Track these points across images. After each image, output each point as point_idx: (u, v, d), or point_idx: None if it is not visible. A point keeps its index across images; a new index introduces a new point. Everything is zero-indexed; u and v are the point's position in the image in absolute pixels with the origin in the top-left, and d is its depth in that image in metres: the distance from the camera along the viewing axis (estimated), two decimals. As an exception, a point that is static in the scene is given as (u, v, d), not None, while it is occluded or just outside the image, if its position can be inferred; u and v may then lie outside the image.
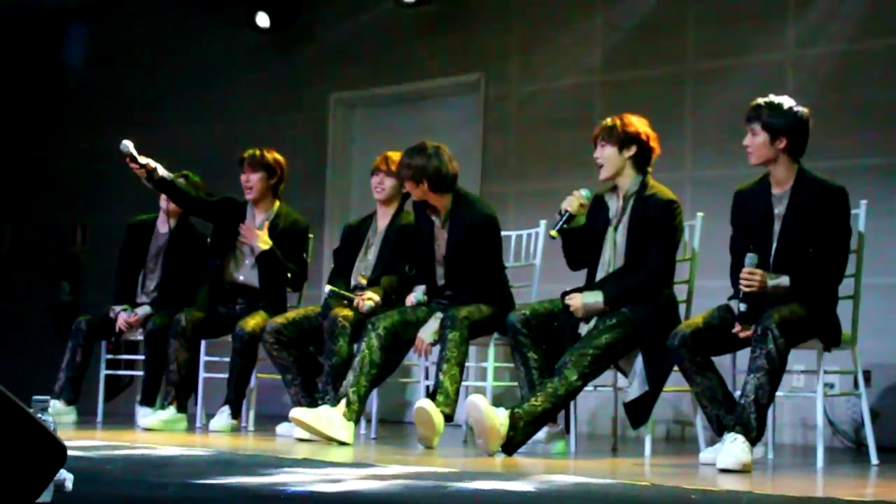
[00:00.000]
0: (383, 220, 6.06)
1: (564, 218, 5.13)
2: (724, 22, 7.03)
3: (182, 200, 6.39)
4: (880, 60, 6.48)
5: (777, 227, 4.76)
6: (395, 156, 6.02)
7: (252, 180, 6.40)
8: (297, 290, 6.53)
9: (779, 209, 4.77)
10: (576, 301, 5.02)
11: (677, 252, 5.18)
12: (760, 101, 4.84)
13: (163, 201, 6.80)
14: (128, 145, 6.04)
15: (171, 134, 9.07)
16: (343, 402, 5.31)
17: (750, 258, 4.57)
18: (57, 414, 6.53)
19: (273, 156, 6.46)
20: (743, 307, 4.59)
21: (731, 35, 6.98)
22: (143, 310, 6.66)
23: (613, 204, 5.19)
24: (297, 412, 5.31)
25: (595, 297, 5.01)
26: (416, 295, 5.64)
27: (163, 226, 6.89)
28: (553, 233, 5.16)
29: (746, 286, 4.60)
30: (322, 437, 5.21)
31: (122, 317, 6.63)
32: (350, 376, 5.38)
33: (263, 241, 6.28)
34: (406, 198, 6.07)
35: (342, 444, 5.19)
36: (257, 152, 6.43)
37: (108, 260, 7.12)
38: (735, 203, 4.96)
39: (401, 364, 5.74)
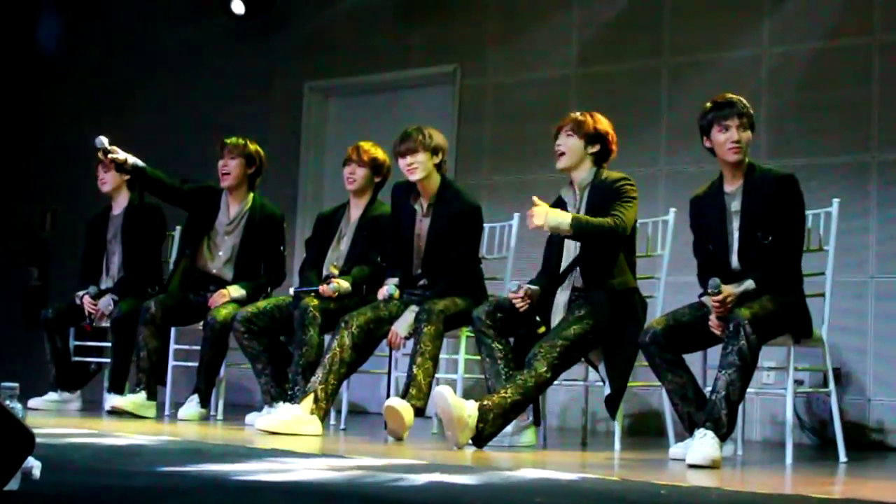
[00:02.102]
0: (356, 210, 6.05)
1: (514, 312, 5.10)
2: (700, 17, 7.05)
3: (156, 188, 6.37)
4: (854, 58, 6.51)
5: (735, 223, 4.80)
6: (367, 146, 6.02)
7: (230, 166, 6.38)
8: (275, 288, 6.48)
9: (734, 205, 4.81)
10: (540, 210, 4.97)
11: (636, 223, 5.17)
12: (739, 97, 4.86)
13: (102, 182, 6.82)
14: (103, 141, 6.01)
15: (142, 120, 9.03)
16: (311, 397, 5.31)
17: (712, 286, 4.57)
18: (63, 402, 6.56)
19: (255, 147, 6.45)
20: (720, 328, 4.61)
21: (707, 30, 7.00)
22: (105, 301, 6.64)
23: (570, 196, 5.24)
24: (262, 423, 5.31)
25: (564, 220, 4.96)
26: (389, 288, 5.63)
27: (117, 208, 6.90)
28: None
29: (719, 314, 4.62)
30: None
31: (87, 299, 6.62)
32: (319, 372, 5.38)
33: (237, 290, 6.26)
34: (379, 188, 6.07)
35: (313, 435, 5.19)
36: (240, 140, 6.42)
37: (77, 245, 7.08)
38: (692, 210, 5.00)
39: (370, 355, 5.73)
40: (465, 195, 5.66)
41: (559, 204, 5.26)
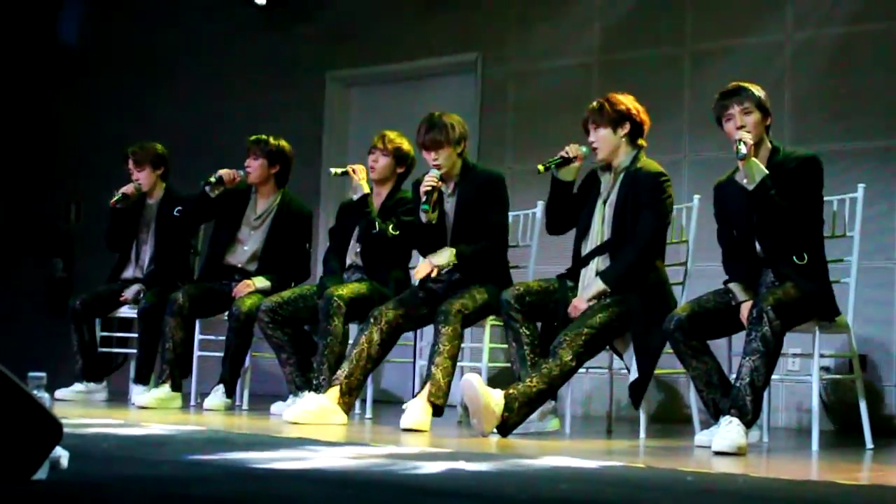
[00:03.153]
0: (378, 199, 6.05)
1: (557, 159, 5.20)
2: (723, 3, 7.02)
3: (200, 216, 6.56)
4: (879, 44, 6.47)
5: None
6: (393, 135, 6.03)
7: (253, 166, 6.45)
8: (298, 284, 6.49)
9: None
10: (579, 303, 5.04)
11: (668, 229, 5.22)
12: (738, 83, 4.84)
13: (136, 181, 6.88)
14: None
15: (164, 111, 9.05)
16: (336, 389, 5.31)
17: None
18: (89, 392, 6.60)
19: (278, 143, 6.48)
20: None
21: (730, 16, 6.97)
22: (133, 289, 6.69)
23: (605, 179, 5.25)
24: (289, 414, 5.32)
25: (596, 286, 5.03)
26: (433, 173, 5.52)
27: (151, 198, 6.94)
28: (540, 167, 5.22)
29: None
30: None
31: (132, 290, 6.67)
32: (345, 366, 5.37)
33: (262, 281, 6.30)
34: (402, 179, 6.07)
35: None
36: (262, 138, 6.46)
37: (102, 237, 7.10)
38: (715, 197, 4.99)
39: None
40: (487, 168, 5.71)
41: (590, 182, 5.29)
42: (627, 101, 5.23)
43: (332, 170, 6.10)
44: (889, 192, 6.26)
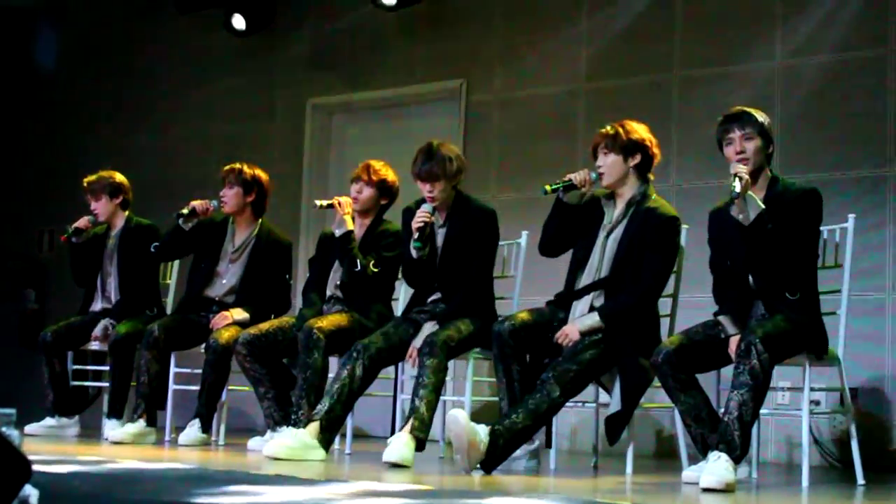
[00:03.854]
0: (359, 230, 6.05)
1: (564, 183, 5.16)
2: (712, 30, 7.07)
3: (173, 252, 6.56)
4: (868, 71, 6.52)
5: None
6: (378, 165, 6.02)
7: (228, 195, 6.43)
8: (278, 317, 6.48)
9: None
10: (570, 331, 5.02)
11: (672, 271, 5.21)
12: (742, 108, 4.87)
13: (94, 211, 6.87)
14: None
15: (141, 140, 9.08)
16: (315, 425, 5.30)
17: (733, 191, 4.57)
18: (60, 427, 6.57)
19: (253, 171, 6.46)
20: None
21: (719, 43, 7.02)
22: (101, 326, 6.66)
23: (611, 210, 5.20)
24: (269, 450, 5.30)
25: (591, 319, 5.02)
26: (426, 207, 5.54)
27: (113, 228, 6.93)
28: (547, 187, 5.17)
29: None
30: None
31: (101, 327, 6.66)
32: (326, 401, 5.35)
33: (240, 313, 6.30)
34: (384, 210, 6.08)
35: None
36: (236, 167, 6.45)
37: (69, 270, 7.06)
38: (710, 223, 4.99)
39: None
40: (480, 202, 5.68)
41: (593, 209, 5.24)
42: (642, 131, 5.19)
43: (317, 202, 6.10)
44: (880, 222, 6.30)
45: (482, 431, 4.70)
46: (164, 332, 6.29)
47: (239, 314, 6.27)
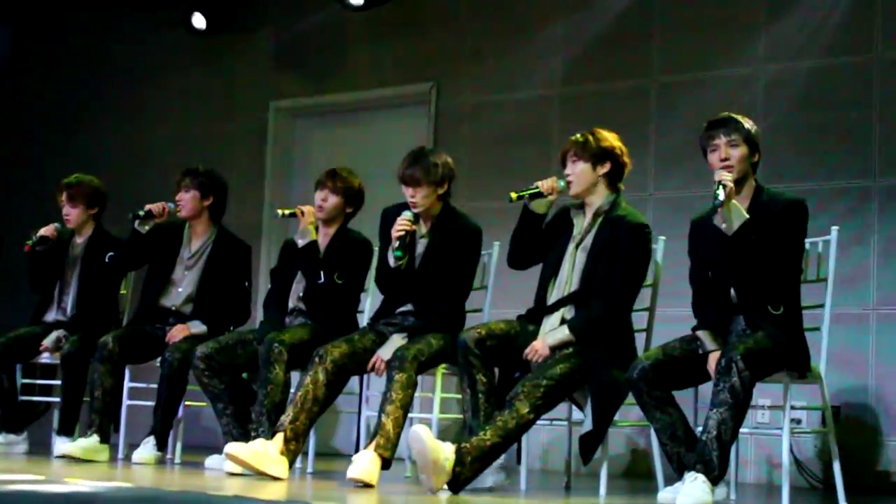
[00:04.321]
0: (324, 239, 6.04)
1: (531, 191, 5.20)
2: (691, 34, 7.09)
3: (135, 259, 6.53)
4: (854, 77, 6.56)
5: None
6: (344, 172, 6.02)
7: (184, 199, 6.40)
8: (238, 326, 6.47)
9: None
10: (540, 346, 5.03)
11: (643, 282, 5.22)
12: (729, 113, 4.90)
13: (66, 216, 6.80)
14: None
15: (97, 142, 9.03)
16: (280, 436, 5.29)
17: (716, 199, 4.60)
18: (8, 444, 6.52)
19: (211, 174, 6.45)
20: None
21: (699, 47, 7.05)
22: (53, 337, 6.61)
23: (580, 221, 5.23)
24: (231, 447, 5.29)
25: (561, 333, 5.03)
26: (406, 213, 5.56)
27: (80, 237, 6.86)
28: (513, 195, 5.22)
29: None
30: (256, 473, 5.19)
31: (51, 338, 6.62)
32: (290, 411, 5.35)
33: (197, 325, 6.28)
34: (349, 218, 6.07)
35: (277, 479, 5.17)
36: (193, 168, 6.43)
37: (24, 277, 7.01)
38: (691, 233, 5.01)
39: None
40: (467, 217, 5.68)
41: (562, 222, 5.28)
42: (613, 139, 5.22)
43: (280, 211, 6.09)
44: (864, 235, 6.33)
45: (447, 449, 4.68)
46: (119, 345, 6.24)
47: (196, 327, 6.25)
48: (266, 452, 5.22)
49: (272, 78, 8.64)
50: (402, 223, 5.46)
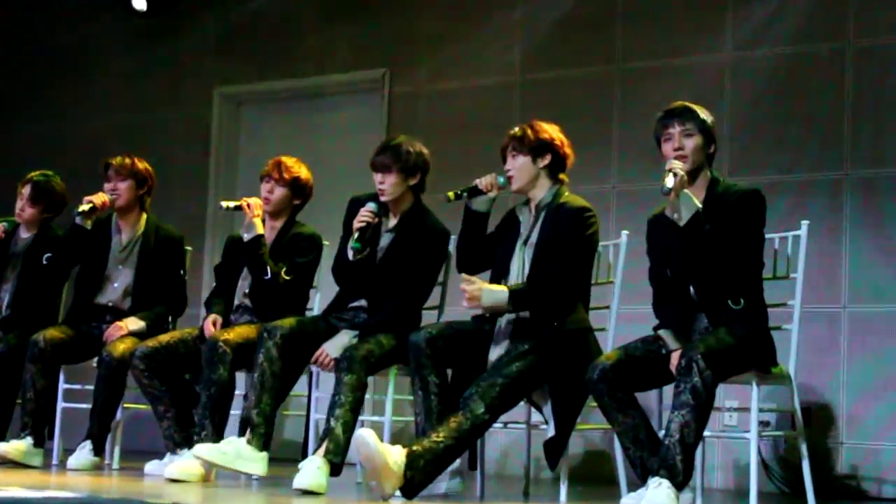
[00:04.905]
0: (270, 233, 6.04)
1: (468, 188, 5.30)
2: (657, 18, 7.14)
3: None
4: (826, 65, 6.62)
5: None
6: (290, 162, 6.03)
7: (120, 189, 6.39)
8: (177, 317, 6.48)
9: None
10: (473, 287, 5.04)
11: (592, 268, 5.26)
12: (684, 103, 4.94)
13: (20, 211, 6.75)
14: None
15: (31, 130, 8.98)
16: (248, 431, 5.29)
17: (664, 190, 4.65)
18: None
19: (144, 164, 6.46)
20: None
21: (665, 33, 7.09)
22: None
23: (525, 218, 5.28)
24: (199, 449, 5.29)
25: (501, 294, 5.03)
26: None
27: (25, 231, 6.82)
28: (450, 194, 5.31)
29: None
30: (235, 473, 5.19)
31: None
32: (251, 396, 5.38)
33: (136, 322, 6.27)
34: (297, 210, 6.08)
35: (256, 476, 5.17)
36: (127, 159, 6.42)
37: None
38: (648, 231, 5.06)
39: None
40: (436, 219, 5.69)
41: (509, 222, 5.33)
42: (552, 131, 5.28)
43: (224, 203, 6.08)
44: (835, 229, 6.39)
45: (396, 452, 4.67)
46: (51, 344, 6.22)
47: (134, 324, 6.24)
48: (238, 450, 5.24)
49: (216, 63, 8.61)
50: (365, 214, 5.49)
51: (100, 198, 6.33)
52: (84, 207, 6.28)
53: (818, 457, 6.10)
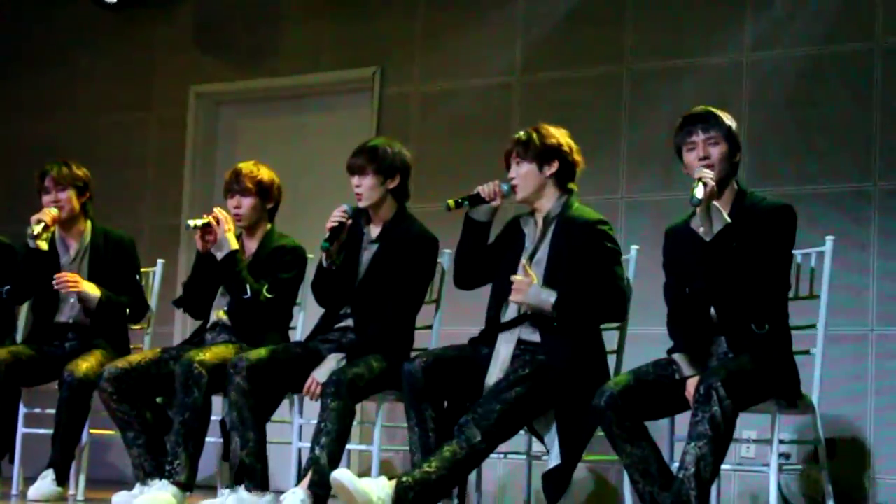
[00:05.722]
0: (250, 244, 6.01)
1: (469, 197, 5.25)
2: (670, 14, 7.12)
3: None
4: (851, 68, 6.60)
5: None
6: (247, 167, 6.02)
7: (62, 199, 6.36)
8: (137, 323, 6.46)
9: None
10: (522, 284, 5.00)
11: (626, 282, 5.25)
12: (706, 107, 4.91)
13: None
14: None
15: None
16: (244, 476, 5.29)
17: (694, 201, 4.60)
18: None
19: (82, 170, 6.48)
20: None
21: (677, 31, 7.07)
22: None
23: (530, 230, 5.24)
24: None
25: (547, 296, 4.99)
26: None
27: None
28: (450, 202, 5.25)
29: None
30: None
31: None
32: (234, 439, 5.37)
33: (93, 288, 6.23)
34: (273, 214, 6.06)
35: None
36: (64, 168, 6.41)
37: None
38: (666, 244, 5.03)
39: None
40: (423, 227, 5.67)
41: (512, 232, 5.30)
42: (560, 136, 5.25)
43: (190, 222, 5.93)
44: (862, 245, 6.36)
45: (380, 486, 4.62)
46: (5, 365, 6.18)
47: (90, 288, 6.24)
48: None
49: (193, 59, 8.58)
50: (337, 214, 5.48)
51: (49, 214, 6.29)
52: (37, 229, 6.21)
53: (843, 493, 6.06)
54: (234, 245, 5.86)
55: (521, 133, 5.27)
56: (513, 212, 5.50)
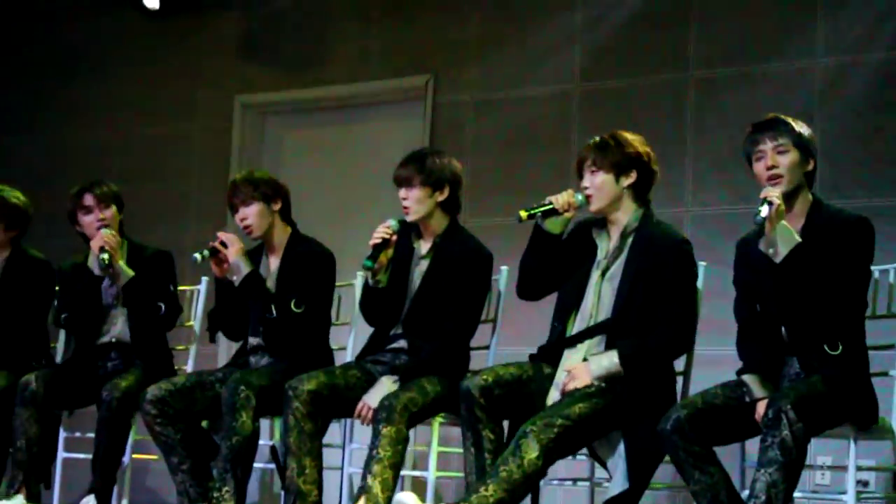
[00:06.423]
0: (273, 259, 6.05)
1: (543, 208, 5.15)
2: (736, 19, 7.10)
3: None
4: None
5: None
6: (242, 176, 6.05)
7: (108, 217, 6.40)
8: (171, 327, 6.47)
9: None
10: (580, 371, 4.99)
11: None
12: (775, 115, 4.89)
13: None
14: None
15: (35, 139, 9.03)
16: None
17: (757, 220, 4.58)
18: None
19: (115, 185, 6.54)
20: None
21: (744, 36, 7.05)
22: None
23: (604, 243, 5.20)
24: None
25: (609, 359, 4.96)
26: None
27: None
28: (522, 213, 5.15)
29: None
30: None
31: None
32: (290, 464, 5.34)
33: (127, 268, 6.28)
34: (288, 214, 6.05)
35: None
36: (104, 186, 6.47)
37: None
38: (737, 256, 5.00)
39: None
40: (476, 240, 5.66)
41: (581, 241, 5.25)
42: (638, 144, 5.18)
43: (197, 255, 5.93)
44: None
45: (439, 514, 4.65)
46: (44, 386, 6.20)
47: (126, 268, 6.28)
48: None
49: (238, 68, 8.63)
50: (382, 230, 5.46)
51: (110, 240, 6.29)
52: (105, 257, 6.23)
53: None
54: (248, 267, 5.86)
55: (597, 139, 5.20)
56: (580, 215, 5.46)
